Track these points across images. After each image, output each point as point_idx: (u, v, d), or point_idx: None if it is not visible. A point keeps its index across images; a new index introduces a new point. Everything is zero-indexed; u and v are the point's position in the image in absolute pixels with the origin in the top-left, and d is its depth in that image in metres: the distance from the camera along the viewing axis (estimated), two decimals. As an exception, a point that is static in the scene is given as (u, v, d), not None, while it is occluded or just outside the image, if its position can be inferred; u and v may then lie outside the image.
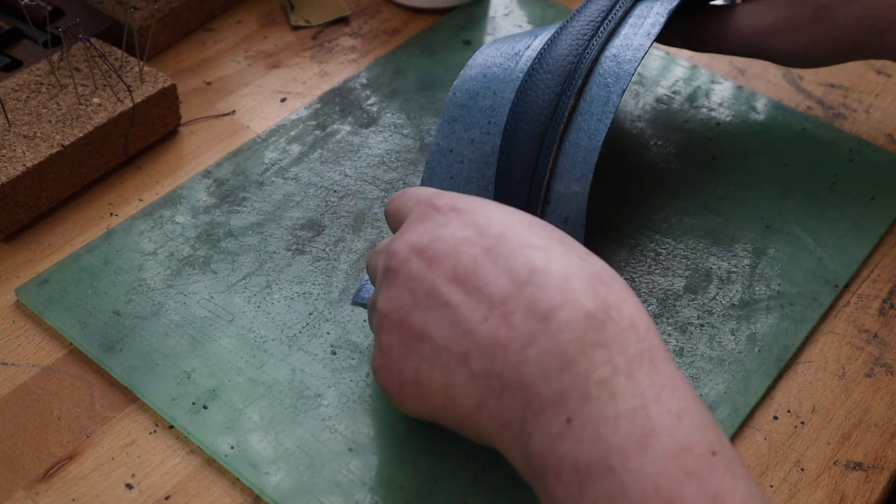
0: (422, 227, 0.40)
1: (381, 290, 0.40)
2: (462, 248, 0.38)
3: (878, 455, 0.46)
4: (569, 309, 0.35)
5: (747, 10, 0.55)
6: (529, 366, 0.35)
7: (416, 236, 0.39)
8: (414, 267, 0.39)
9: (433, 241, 0.39)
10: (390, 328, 0.39)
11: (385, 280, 0.40)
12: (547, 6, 0.71)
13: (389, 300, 0.39)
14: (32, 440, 0.45)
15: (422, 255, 0.39)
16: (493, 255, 0.38)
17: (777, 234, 0.55)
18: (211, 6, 0.68)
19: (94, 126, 0.55)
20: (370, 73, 0.65)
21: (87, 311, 0.50)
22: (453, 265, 0.38)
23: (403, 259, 0.39)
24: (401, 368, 0.39)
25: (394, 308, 0.39)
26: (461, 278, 0.38)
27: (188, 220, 0.54)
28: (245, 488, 0.44)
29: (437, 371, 0.38)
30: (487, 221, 0.39)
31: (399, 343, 0.39)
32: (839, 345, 0.50)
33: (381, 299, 0.40)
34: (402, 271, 0.39)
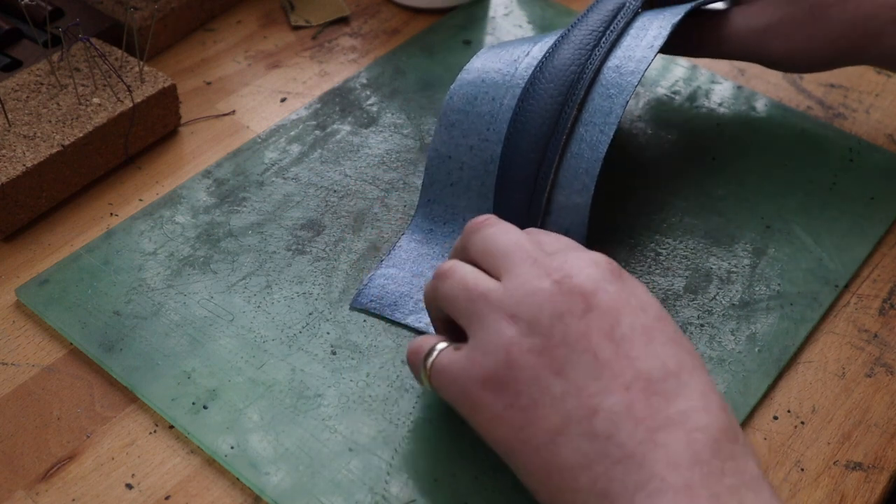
0: (588, 270, 0.39)
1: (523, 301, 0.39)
2: (624, 312, 0.38)
3: (878, 455, 0.46)
4: (707, 416, 0.36)
5: (742, 13, 0.54)
6: (658, 449, 0.35)
7: (584, 277, 0.39)
8: (576, 305, 0.38)
9: (599, 291, 0.38)
10: (529, 349, 0.38)
11: (535, 295, 0.38)
12: (547, 6, 0.71)
13: (540, 322, 0.38)
14: (32, 440, 0.45)
15: (585, 297, 0.38)
16: (649, 335, 0.38)
17: (777, 234, 0.55)
18: (211, 6, 0.68)
19: (94, 126, 0.55)
20: (370, 73, 0.65)
21: (87, 311, 0.50)
22: (612, 324, 0.38)
23: (567, 291, 0.38)
24: (520, 391, 0.38)
25: (541, 332, 0.38)
26: (617, 340, 0.37)
27: (188, 220, 0.54)
28: (245, 488, 0.44)
29: (556, 413, 0.37)
30: (647, 301, 0.39)
31: (532, 366, 0.38)
32: (839, 345, 0.50)
33: (527, 314, 0.38)
34: (560, 302, 0.38)
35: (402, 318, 0.49)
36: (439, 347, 0.41)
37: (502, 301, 0.39)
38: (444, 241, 0.52)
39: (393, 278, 0.51)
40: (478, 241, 0.42)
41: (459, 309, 0.41)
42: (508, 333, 0.38)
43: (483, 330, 0.39)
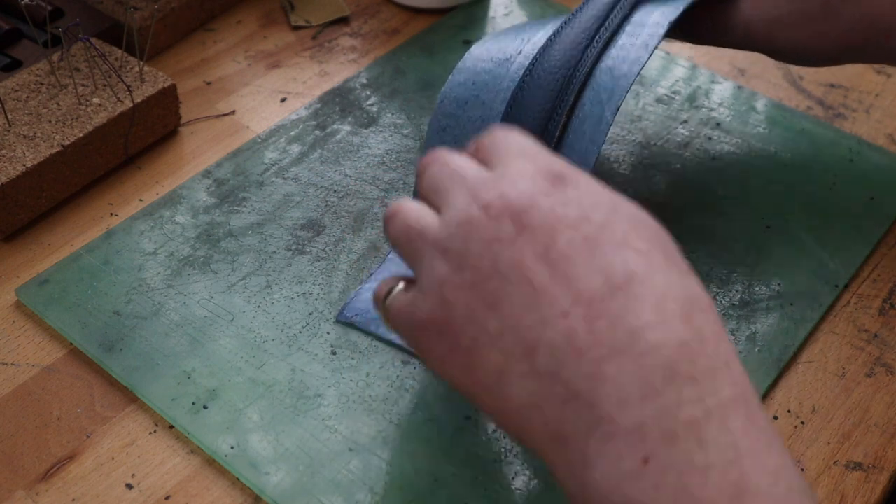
0: (521, 184, 0.35)
1: (454, 234, 0.36)
2: (561, 227, 0.34)
3: (878, 455, 0.46)
4: (661, 331, 0.32)
5: (750, 3, 0.52)
6: (605, 384, 0.32)
7: (515, 195, 0.35)
8: (504, 229, 0.35)
9: (531, 208, 0.35)
10: (461, 285, 0.35)
11: (464, 225, 0.36)
12: (547, 6, 0.71)
13: (469, 254, 0.35)
14: (32, 440, 0.45)
15: (515, 218, 0.35)
16: (592, 246, 0.34)
17: (777, 234, 0.55)
18: (211, 6, 0.68)
19: (94, 126, 0.55)
20: (370, 73, 0.65)
21: (87, 311, 0.50)
22: (547, 243, 0.34)
23: (495, 215, 0.35)
24: (458, 332, 0.35)
25: (471, 265, 0.35)
26: (552, 261, 0.34)
27: (188, 220, 0.54)
28: (245, 488, 0.44)
29: (496, 351, 0.34)
30: (592, 205, 0.35)
31: (464, 304, 0.35)
32: (839, 345, 0.50)
33: (456, 247, 0.36)
34: (489, 227, 0.35)
35: (386, 333, 0.48)
36: (398, 287, 0.39)
37: (437, 236, 0.37)
38: None
39: None
40: (425, 179, 0.39)
41: (403, 250, 0.39)
42: (441, 271, 0.36)
43: (422, 269, 0.37)
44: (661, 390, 0.31)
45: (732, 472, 0.30)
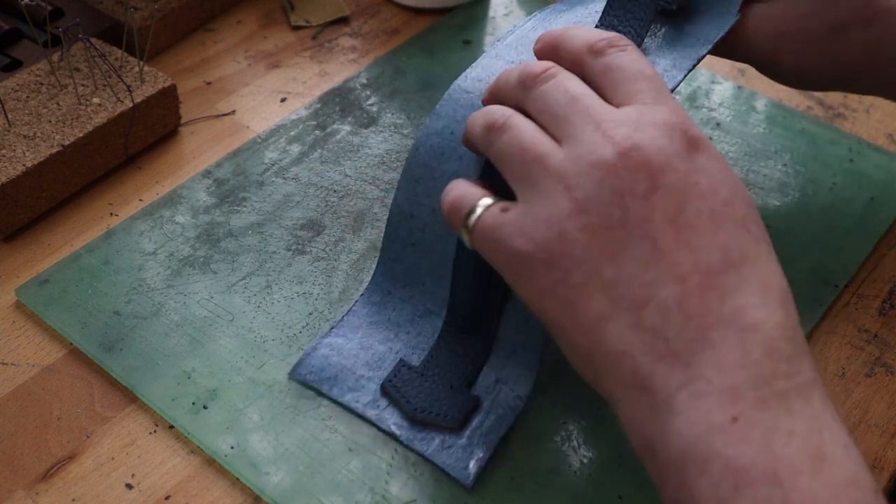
0: (660, 139, 0.36)
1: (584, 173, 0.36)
2: (692, 194, 0.35)
3: (878, 455, 0.46)
4: (763, 312, 0.35)
5: (758, 16, 0.51)
6: (707, 349, 0.34)
7: (654, 151, 0.36)
8: (639, 183, 0.35)
9: (668, 168, 0.36)
10: (584, 227, 0.35)
11: (597, 168, 0.36)
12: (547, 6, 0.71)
13: (598, 200, 0.35)
14: (32, 440, 0.45)
15: (651, 175, 0.35)
16: (716, 220, 0.35)
17: (777, 234, 0.55)
18: (211, 6, 0.68)
19: (94, 126, 0.55)
20: (370, 73, 0.65)
21: (87, 311, 0.50)
22: (677, 207, 0.35)
23: (632, 167, 0.35)
24: (570, 268, 0.36)
25: (598, 210, 0.35)
26: (679, 226, 0.35)
27: (188, 220, 0.54)
28: (245, 488, 0.44)
29: (605, 298, 0.35)
30: (720, 180, 0.36)
31: (584, 245, 0.35)
32: (839, 345, 0.50)
33: (586, 188, 0.36)
34: (624, 178, 0.35)
35: (340, 395, 0.46)
36: (483, 203, 0.38)
37: (560, 169, 0.36)
38: (400, 307, 0.48)
39: (339, 349, 0.47)
40: (537, 96, 0.39)
41: (513, 169, 0.38)
42: (564, 206, 0.36)
43: (537, 197, 0.37)
44: (759, 362, 0.34)
45: (813, 439, 0.33)
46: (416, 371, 0.46)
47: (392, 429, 0.45)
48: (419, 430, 0.44)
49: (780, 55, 0.51)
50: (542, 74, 0.39)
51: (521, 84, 0.40)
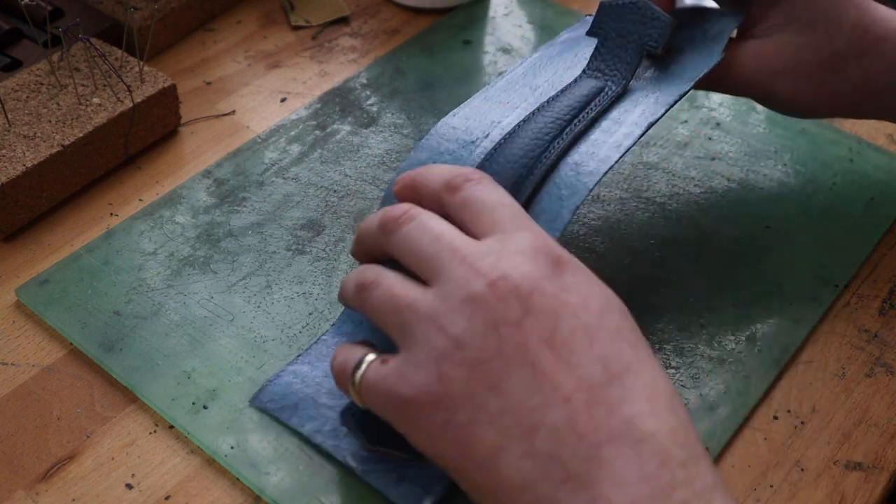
0: (525, 265, 0.36)
1: (456, 310, 0.36)
2: (564, 313, 0.36)
3: (878, 455, 0.46)
4: (653, 420, 0.34)
5: (753, 51, 0.50)
6: (603, 467, 0.34)
7: (520, 276, 0.36)
8: (511, 311, 0.35)
9: (536, 292, 0.36)
10: (461, 363, 0.35)
11: (468, 303, 0.36)
12: (547, 6, 0.71)
13: (472, 333, 0.35)
14: (32, 440, 0.45)
15: (521, 301, 0.36)
16: (591, 335, 0.36)
17: (777, 234, 0.55)
18: (211, 6, 0.68)
19: (94, 126, 0.55)
20: (370, 73, 0.65)
21: (87, 311, 0.50)
22: (551, 328, 0.35)
23: (502, 296, 0.36)
24: (454, 408, 0.35)
25: (474, 343, 0.35)
26: (556, 346, 0.35)
27: (188, 220, 0.54)
28: (245, 488, 0.44)
29: (494, 431, 0.35)
30: (589, 294, 0.37)
31: (464, 381, 0.35)
32: (839, 345, 0.50)
33: (458, 324, 0.36)
34: (495, 308, 0.35)
35: (299, 424, 0.44)
36: (367, 360, 0.39)
37: (431, 310, 0.37)
38: (371, 336, 0.45)
39: (303, 377, 0.46)
40: (400, 241, 0.39)
41: (388, 320, 0.38)
42: (440, 346, 0.36)
43: (414, 343, 0.37)
44: (657, 473, 0.33)
45: None
46: None
47: (348, 460, 0.43)
48: (376, 462, 0.43)
49: (777, 89, 0.51)
50: (401, 217, 0.39)
51: (383, 229, 0.40)
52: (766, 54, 0.50)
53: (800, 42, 0.50)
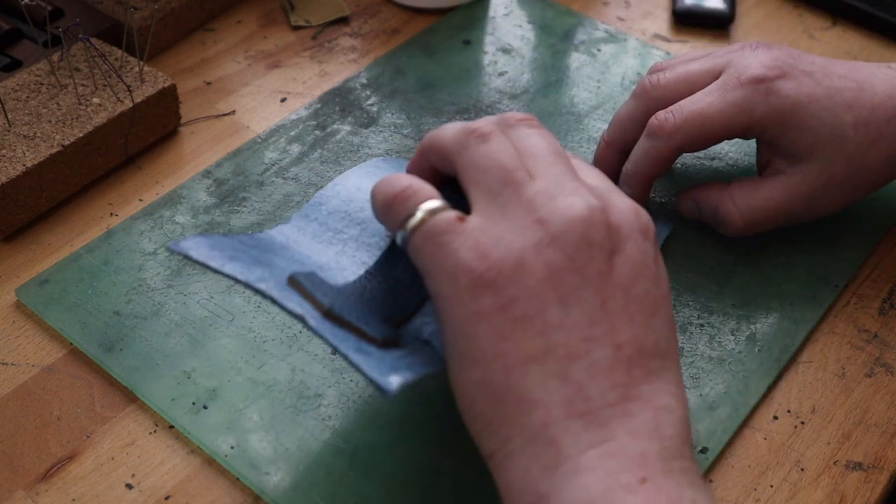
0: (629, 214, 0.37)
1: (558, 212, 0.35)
2: (644, 274, 0.36)
3: (878, 455, 0.46)
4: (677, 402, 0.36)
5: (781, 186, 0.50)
6: (623, 415, 0.35)
7: (623, 219, 0.37)
8: (606, 241, 0.36)
9: (630, 241, 0.36)
10: (546, 263, 0.35)
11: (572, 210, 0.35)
12: (547, 6, 0.71)
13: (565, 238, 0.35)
14: (32, 440, 0.45)
15: (619, 241, 0.36)
16: (657, 309, 0.37)
17: (777, 234, 0.55)
18: (211, 6, 0.68)
19: (94, 126, 0.55)
20: (370, 73, 0.65)
21: (87, 311, 0.50)
22: (631, 279, 0.36)
23: (604, 224, 0.36)
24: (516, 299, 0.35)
25: (563, 250, 0.35)
26: (629, 296, 0.36)
27: (188, 220, 0.54)
28: (245, 488, 0.44)
29: (542, 340, 0.35)
30: (663, 276, 0.38)
31: (539, 279, 0.35)
32: (839, 345, 0.50)
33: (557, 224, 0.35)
34: (596, 230, 0.36)
35: (233, 269, 0.38)
36: (433, 205, 0.37)
37: (535, 201, 0.36)
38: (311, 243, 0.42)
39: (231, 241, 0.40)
40: (520, 135, 0.38)
41: (484, 182, 0.37)
42: (531, 236, 0.35)
43: (502, 218, 0.36)
44: (670, 438, 0.35)
45: None
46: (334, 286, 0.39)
47: (297, 310, 0.37)
48: (333, 325, 0.37)
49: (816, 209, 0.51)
50: (524, 120, 0.39)
51: (462, 143, 0.39)
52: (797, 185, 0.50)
53: (814, 168, 0.50)
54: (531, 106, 0.62)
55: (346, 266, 0.42)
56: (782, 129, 0.49)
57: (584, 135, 0.60)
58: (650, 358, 0.36)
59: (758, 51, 0.51)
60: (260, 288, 0.37)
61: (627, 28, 0.70)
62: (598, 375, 0.35)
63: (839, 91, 0.49)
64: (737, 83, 0.49)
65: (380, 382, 0.35)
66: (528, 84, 0.64)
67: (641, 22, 0.70)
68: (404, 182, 0.38)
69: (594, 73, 0.65)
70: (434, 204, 0.37)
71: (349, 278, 0.41)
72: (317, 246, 0.43)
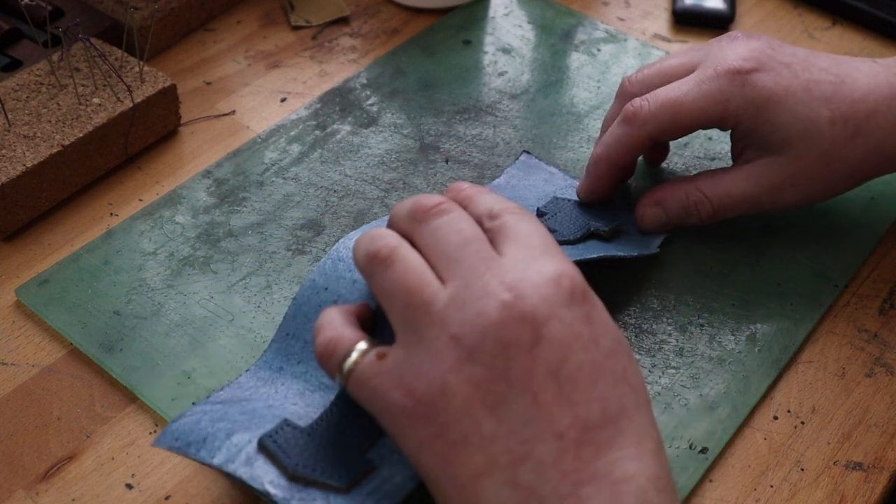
0: (546, 289, 0.36)
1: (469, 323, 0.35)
2: (575, 346, 0.35)
3: (878, 455, 0.46)
4: (637, 464, 0.35)
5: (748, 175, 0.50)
6: (575, 501, 0.34)
7: (538, 300, 0.35)
8: (524, 335, 0.35)
9: (552, 319, 0.35)
10: (468, 379, 0.35)
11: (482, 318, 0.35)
12: (547, 6, 0.71)
13: (483, 351, 0.35)
14: (32, 440, 0.45)
15: (535, 327, 0.35)
16: (597, 374, 0.35)
17: (777, 234, 0.55)
18: (211, 6, 0.68)
19: (94, 126, 0.55)
20: (370, 73, 0.65)
21: (87, 311, 0.50)
22: (560, 360, 0.35)
23: (517, 318, 0.35)
24: (449, 423, 0.35)
25: (485, 363, 0.35)
26: (561, 379, 0.35)
27: (188, 220, 0.54)
28: (245, 488, 0.44)
29: (482, 455, 0.35)
30: (602, 332, 0.36)
31: (465, 398, 0.35)
32: (839, 345, 0.50)
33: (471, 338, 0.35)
34: (509, 330, 0.35)
35: (208, 457, 0.39)
36: (359, 349, 0.38)
37: (446, 317, 0.36)
38: (290, 382, 0.44)
39: (212, 414, 0.42)
40: (427, 232, 0.38)
41: (396, 310, 0.37)
42: (448, 357, 0.35)
43: (419, 344, 0.36)
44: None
45: None
46: (303, 431, 0.41)
47: (266, 487, 0.38)
48: (299, 490, 0.39)
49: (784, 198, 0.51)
50: (433, 208, 0.39)
51: (413, 217, 0.39)
52: (762, 174, 0.50)
53: (782, 161, 0.49)
54: (531, 106, 0.62)
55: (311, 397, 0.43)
56: (756, 122, 0.49)
57: (584, 135, 0.60)
58: (598, 430, 0.35)
59: (736, 42, 0.50)
60: (229, 470, 0.39)
61: (627, 28, 0.70)
62: (546, 472, 0.34)
63: (817, 84, 0.49)
64: (713, 74, 0.49)
65: None
66: (528, 84, 0.64)
67: (641, 22, 0.70)
68: (328, 334, 0.39)
69: (594, 73, 0.65)
70: (358, 349, 0.38)
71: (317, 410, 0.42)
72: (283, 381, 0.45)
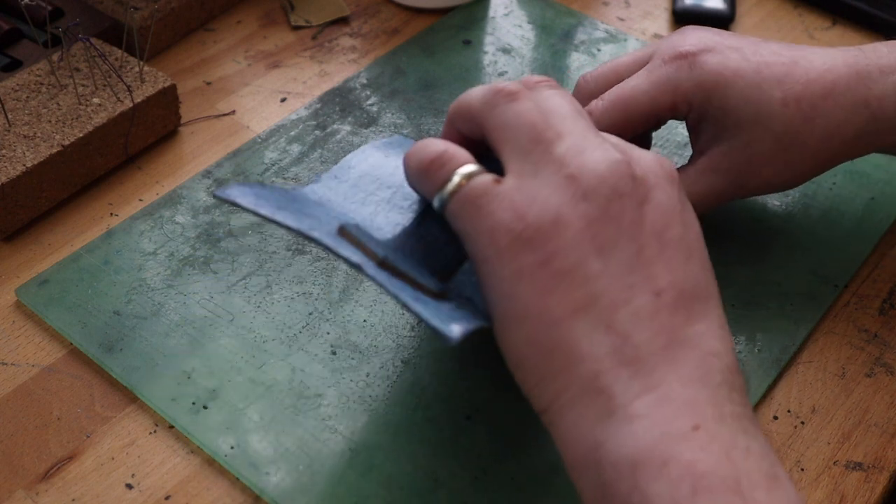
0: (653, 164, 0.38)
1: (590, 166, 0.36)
2: (675, 220, 0.37)
3: (878, 455, 0.46)
4: (723, 345, 0.36)
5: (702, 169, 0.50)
6: (671, 361, 0.35)
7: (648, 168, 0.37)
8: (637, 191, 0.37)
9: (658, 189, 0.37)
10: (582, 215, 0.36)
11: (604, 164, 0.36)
12: (547, 6, 0.71)
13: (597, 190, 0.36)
14: (32, 440, 0.45)
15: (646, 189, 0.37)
16: (691, 251, 0.37)
17: (777, 234, 0.55)
18: (211, 6, 0.68)
19: (94, 126, 0.55)
20: (370, 73, 0.65)
21: (87, 311, 0.50)
22: (663, 225, 0.36)
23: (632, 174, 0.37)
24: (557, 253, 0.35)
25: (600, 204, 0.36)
26: (663, 242, 0.36)
27: (188, 220, 0.54)
28: (245, 488, 0.44)
29: (585, 290, 0.35)
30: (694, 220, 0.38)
31: (576, 232, 0.35)
32: (839, 345, 0.50)
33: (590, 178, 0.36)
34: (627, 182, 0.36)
35: (284, 217, 0.37)
36: (469, 170, 0.38)
37: (565, 157, 0.36)
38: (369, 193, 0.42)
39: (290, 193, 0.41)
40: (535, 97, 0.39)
41: (516, 142, 0.38)
42: (565, 192, 0.36)
43: (534, 177, 0.36)
44: (719, 384, 0.35)
45: (767, 458, 0.34)
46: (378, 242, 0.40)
47: (353, 258, 0.37)
48: (389, 275, 0.37)
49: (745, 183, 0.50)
50: (518, 91, 0.39)
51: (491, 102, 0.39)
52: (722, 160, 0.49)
53: (735, 145, 0.49)
54: (531, 106, 0.62)
55: (381, 226, 0.42)
56: (708, 107, 0.48)
57: (584, 135, 0.60)
58: (691, 301, 0.36)
59: (685, 33, 0.50)
60: (313, 236, 0.37)
61: (627, 28, 0.70)
62: (642, 322, 0.35)
63: (769, 66, 0.48)
64: (661, 63, 0.49)
65: (442, 329, 0.36)
66: (528, 84, 0.64)
67: (641, 22, 0.70)
68: (440, 147, 0.39)
69: (594, 73, 0.65)
70: (470, 168, 0.38)
71: (386, 237, 0.41)
72: (350, 205, 0.43)
